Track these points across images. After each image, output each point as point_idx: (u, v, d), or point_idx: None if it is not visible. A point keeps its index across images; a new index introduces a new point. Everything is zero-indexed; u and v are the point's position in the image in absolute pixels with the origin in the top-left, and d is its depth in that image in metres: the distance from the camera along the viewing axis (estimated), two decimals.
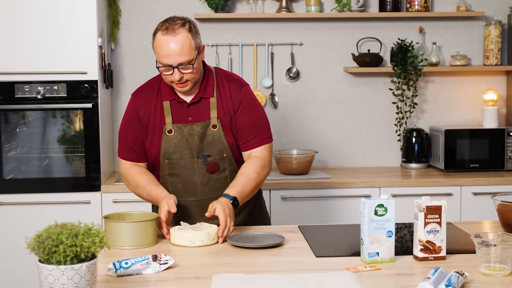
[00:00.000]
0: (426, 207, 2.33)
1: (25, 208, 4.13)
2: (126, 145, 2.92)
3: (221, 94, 2.87)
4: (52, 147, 4.23)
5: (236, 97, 2.88)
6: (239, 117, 2.87)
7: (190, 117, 2.85)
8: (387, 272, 2.24)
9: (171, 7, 4.69)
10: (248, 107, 2.89)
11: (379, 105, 4.83)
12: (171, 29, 2.73)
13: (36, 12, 4.08)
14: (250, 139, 2.88)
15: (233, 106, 2.87)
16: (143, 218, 2.65)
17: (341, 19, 4.77)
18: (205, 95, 2.86)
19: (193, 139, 2.84)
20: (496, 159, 4.54)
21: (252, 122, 2.88)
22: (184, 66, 2.73)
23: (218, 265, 2.34)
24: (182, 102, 2.86)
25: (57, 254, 1.83)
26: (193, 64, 2.74)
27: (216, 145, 2.86)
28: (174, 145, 2.85)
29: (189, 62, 2.73)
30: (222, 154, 2.87)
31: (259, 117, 2.92)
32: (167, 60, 2.72)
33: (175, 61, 2.71)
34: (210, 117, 2.85)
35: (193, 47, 2.75)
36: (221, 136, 2.85)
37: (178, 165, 2.87)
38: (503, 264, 2.18)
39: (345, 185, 4.23)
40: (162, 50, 2.72)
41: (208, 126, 2.85)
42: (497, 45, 4.73)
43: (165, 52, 2.71)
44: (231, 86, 2.89)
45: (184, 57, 2.72)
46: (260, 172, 2.84)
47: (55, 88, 4.14)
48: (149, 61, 4.70)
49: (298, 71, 4.78)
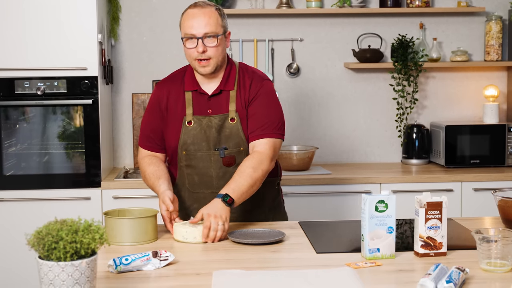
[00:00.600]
0: (427, 203, 2.33)
1: (25, 204, 4.13)
2: (145, 134, 2.95)
3: (240, 87, 2.87)
4: (52, 143, 4.22)
5: (254, 88, 2.87)
6: (251, 105, 2.86)
7: (210, 109, 2.86)
8: (387, 268, 2.23)
9: (171, 2, 4.68)
10: (263, 99, 2.87)
11: (380, 101, 4.82)
12: (200, 5, 2.80)
13: (36, 8, 4.08)
14: (255, 130, 2.83)
15: (249, 96, 2.86)
16: (143, 214, 2.64)
17: (341, 15, 4.76)
18: (226, 87, 2.86)
19: (211, 131, 2.84)
20: (496, 155, 4.54)
21: (263, 113, 2.85)
22: (209, 39, 2.75)
23: (218, 261, 2.33)
24: (203, 93, 2.86)
25: (57, 250, 1.82)
26: (218, 36, 2.76)
27: (234, 138, 2.85)
28: (193, 136, 2.85)
29: (214, 34, 2.75)
30: (239, 148, 2.86)
31: (271, 111, 2.87)
32: (193, 29, 2.75)
33: (200, 32, 2.74)
34: (229, 110, 2.85)
35: (220, 24, 2.79)
36: (239, 129, 2.85)
37: (195, 156, 2.87)
38: (504, 260, 2.18)
39: (346, 181, 4.23)
40: (188, 20, 2.77)
41: (226, 119, 2.84)
42: (497, 41, 4.72)
43: (191, 22, 2.76)
44: (252, 80, 2.89)
45: (210, 27, 2.75)
46: (257, 166, 2.74)
47: (55, 84, 4.13)
48: (149, 57, 4.70)
49: (298, 67, 4.78)
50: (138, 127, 4.65)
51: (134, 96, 4.67)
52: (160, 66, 4.70)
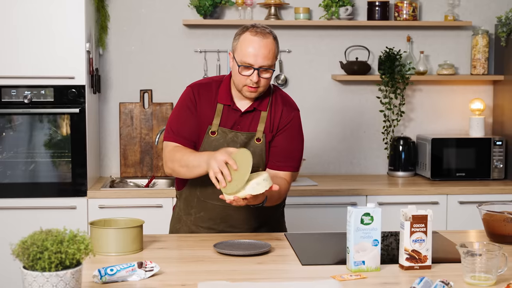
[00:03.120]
0: (412, 216, 2.34)
1: (11, 212, 4.11)
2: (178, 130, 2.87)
3: (272, 111, 2.89)
4: (38, 152, 4.21)
5: (285, 118, 2.90)
6: (278, 136, 2.89)
7: (238, 126, 2.86)
8: (372, 281, 2.24)
9: (160, 12, 4.69)
10: (291, 132, 2.91)
11: (367, 113, 4.84)
12: (260, 32, 2.77)
13: (24, 17, 4.07)
14: (280, 161, 2.88)
15: (279, 124, 2.88)
16: (129, 224, 2.63)
17: (329, 27, 4.78)
18: (260, 107, 2.87)
19: (235, 147, 2.83)
20: (482, 168, 4.57)
21: (289, 147, 2.90)
22: (264, 71, 2.76)
23: (203, 273, 2.33)
24: (236, 110, 2.86)
25: (42, 260, 1.82)
26: (273, 70, 2.79)
27: (255, 158, 2.83)
28: (214, 147, 2.84)
29: (270, 67, 2.77)
30: (258, 168, 2.86)
31: (296, 146, 2.94)
32: (252, 59, 2.73)
33: (258, 63, 2.74)
34: (257, 129, 2.86)
35: (275, 55, 2.80)
36: (262, 150, 2.87)
37: None
38: (488, 273, 2.19)
39: (332, 193, 4.24)
40: (248, 48, 2.74)
41: (253, 138, 2.86)
42: (484, 55, 4.75)
43: (253, 51, 2.74)
44: (284, 107, 2.91)
45: (268, 61, 2.75)
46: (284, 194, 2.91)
47: (42, 93, 4.12)
48: (137, 66, 4.70)
49: (286, 78, 4.79)
50: (125, 136, 4.65)
51: (122, 106, 4.67)
52: (147, 76, 4.71)
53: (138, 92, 4.70)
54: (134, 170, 4.68)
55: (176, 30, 4.71)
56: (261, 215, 2.92)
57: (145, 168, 4.68)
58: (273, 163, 2.89)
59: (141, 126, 4.67)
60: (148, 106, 4.69)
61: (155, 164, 4.68)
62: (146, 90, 4.69)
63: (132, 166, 4.68)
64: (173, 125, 2.89)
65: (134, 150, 4.67)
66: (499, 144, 4.57)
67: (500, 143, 4.57)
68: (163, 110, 4.68)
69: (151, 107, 4.68)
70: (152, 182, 4.56)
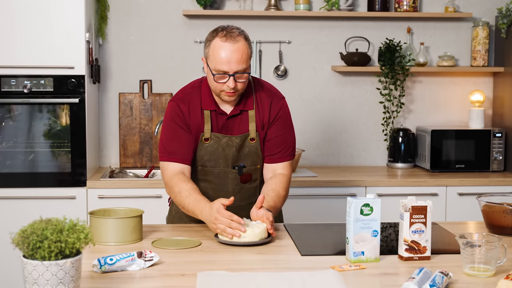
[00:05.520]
0: (412, 207, 2.34)
1: (10, 202, 4.11)
2: (174, 148, 2.83)
3: (259, 107, 2.88)
4: (38, 142, 4.20)
5: (274, 110, 2.89)
6: (271, 129, 2.89)
7: (228, 128, 2.85)
8: (372, 272, 2.24)
9: (160, 3, 4.68)
10: (282, 121, 2.91)
11: (366, 104, 4.84)
12: (230, 36, 2.71)
13: (24, 6, 4.06)
14: (276, 153, 2.89)
15: (269, 117, 2.88)
16: (128, 214, 2.64)
17: (329, 18, 4.77)
18: (245, 107, 2.86)
19: (231, 150, 2.85)
20: (481, 160, 4.57)
21: (282, 137, 2.91)
22: (239, 75, 2.72)
23: (203, 263, 2.33)
24: (222, 113, 2.85)
25: (42, 249, 1.82)
26: (249, 73, 2.76)
27: (252, 157, 2.88)
28: (210, 153, 2.85)
29: (244, 70, 2.73)
30: (256, 165, 2.90)
31: (288, 134, 2.94)
32: (226, 67, 2.69)
33: (232, 69, 2.70)
34: (249, 129, 2.86)
35: (249, 56, 2.75)
36: (258, 148, 2.88)
37: (212, 173, 2.89)
38: (487, 265, 2.19)
39: (332, 184, 4.24)
40: (221, 56, 2.69)
41: (247, 138, 2.87)
42: (484, 47, 4.75)
43: (225, 58, 2.69)
44: (271, 100, 2.90)
45: (242, 65, 2.71)
46: (287, 190, 2.89)
47: (41, 83, 4.12)
48: (136, 56, 4.69)
49: (286, 69, 4.78)
50: (124, 126, 4.65)
51: (121, 96, 4.66)
52: (147, 66, 4.70)
53: (138, 82, 4.70)
54: (134, 161, 4.68)
55: (176, 20, 4.70)
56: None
57: (145, 158, 4.68)
58: (269, 157, 2.91)
59: (140, 116, 4.67)
60: (147, 96, 4.68)
61: (155, 154, 4.68)
62: (146, 80, 4.68)
63: (131, 156, 4.68)
64: (165, 144, 2.86)
65: (134, 141, 4.67)
66: (499, 136, 4.57)
67: (500, 135, 4.57)
68: (163, 100, 4.67)
69: (150, 97, 4.67)
70: (152, 172, 4.56)
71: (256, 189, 2.95)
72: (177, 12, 4.69)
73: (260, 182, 2.97)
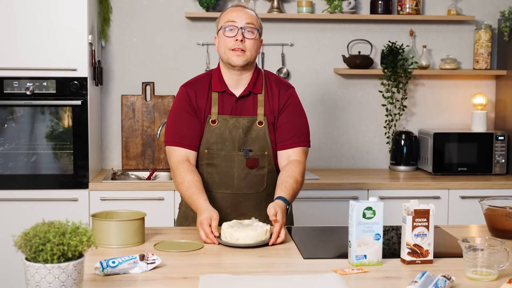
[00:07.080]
0: (414, 210, 2.34)
1: (12, 204, 4.11)
2: (180, 132, 2.88)
3: (268, 93, 2.92)
4: (40, 144, 4.21)
5: (283, 97, 2.93)
6: (281, 115, 2.91)
7: (236, 110, 2.89)
8: (374, 275, 2.24)
9: (162, 5, 4.68)
10: (292, 108, 2.94)
11: (369, 107, 4.84)
12: (242, 5, 2.91)
13: (26, 8, 4.07)
14: (289, 139, 2.91)
15: (279, 105, 2.92)
16: (131, 217, 2.63)
17: (332, 21, 4.77)
18: (254, 90, 2.90)
19: (237, 132, 2.87)
20: (484, 163, 4.56)
21: (293, 122, 2.92)
22: (248, 33, 2.83)
23: (205, 265, 2.33)
24: (231, 95, 2.89)
25: (44, 252, 1.82)
26: (257, 30, 2.85)
27: (259, 142, 2.89)
28: (216, 135, 2.87)
29: (254, 27, 2.84)
30: (263, 152, 2.90)
31: (300, 120, 2.95)
32: (235, 18, 2.83)
33: (242, 22, 2.83)
34: (257, 113, 2.89)
35: (258, 24, 2.89)
36: (266, 133, 2.89)
37: (218, 155, 2.89)
38: (490, 268, 2.19)
39: (334, 187, 4.24)
40: (231, 12, 2.87)
41: (255, 121, 2.88)
42: (487, 50, 4.75)
43: (234, 13, 2.86)
44: (280, 88, 2.95)
45: (251, 20, 2.85)
46: (304, 176, 2.89)
47: (44, 85, 4.12)
48: (139, 58, 4.69)
49: (288, 71, 4.79)
50: (127, 129, 4.65)
51: (124, 98, 4.66)
52: (150, 68, 4.70)
53: (140, 84, 4.70)
54: (136, 163, 4.68)
55: (179, 22, 4.70)
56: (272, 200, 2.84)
57: (147, 160, 4.68)
58: (282, 143, 2.91)
59: (143, 118, 4.67)
60: (150, 98, 4.68)
61: (157, 156, 4.68)
62: (148, 82, 4.69)
63: (133, 158, 4.68)
64: (171, 128, 2.90)
65: (136, 143, 4.67)
66: (501, 139, 4.56)
67: (502, 138, 4.56)
68: (165, 102, 4.67)
69: (153, 99, 4.67)
70: (154, 174, 4.56)
71: (263, 178, 2.92)
72: (179, 14, 4.69)
73: (268, 171, 2.92)
